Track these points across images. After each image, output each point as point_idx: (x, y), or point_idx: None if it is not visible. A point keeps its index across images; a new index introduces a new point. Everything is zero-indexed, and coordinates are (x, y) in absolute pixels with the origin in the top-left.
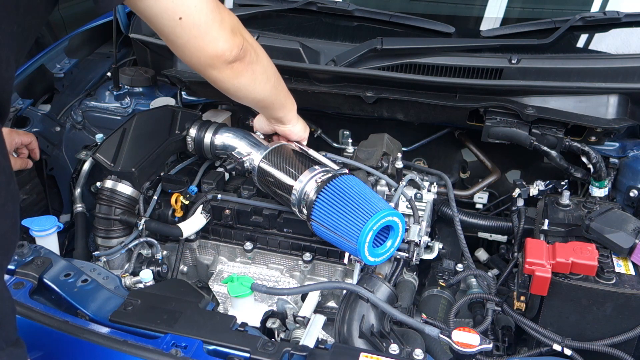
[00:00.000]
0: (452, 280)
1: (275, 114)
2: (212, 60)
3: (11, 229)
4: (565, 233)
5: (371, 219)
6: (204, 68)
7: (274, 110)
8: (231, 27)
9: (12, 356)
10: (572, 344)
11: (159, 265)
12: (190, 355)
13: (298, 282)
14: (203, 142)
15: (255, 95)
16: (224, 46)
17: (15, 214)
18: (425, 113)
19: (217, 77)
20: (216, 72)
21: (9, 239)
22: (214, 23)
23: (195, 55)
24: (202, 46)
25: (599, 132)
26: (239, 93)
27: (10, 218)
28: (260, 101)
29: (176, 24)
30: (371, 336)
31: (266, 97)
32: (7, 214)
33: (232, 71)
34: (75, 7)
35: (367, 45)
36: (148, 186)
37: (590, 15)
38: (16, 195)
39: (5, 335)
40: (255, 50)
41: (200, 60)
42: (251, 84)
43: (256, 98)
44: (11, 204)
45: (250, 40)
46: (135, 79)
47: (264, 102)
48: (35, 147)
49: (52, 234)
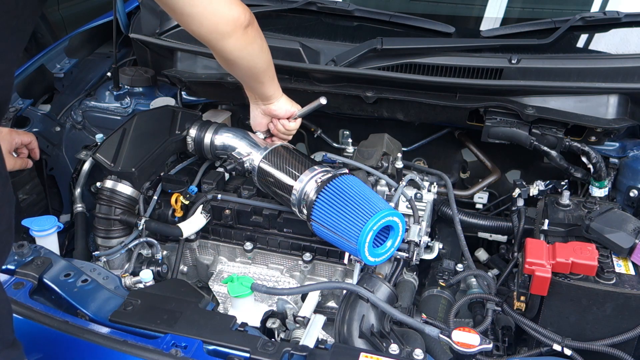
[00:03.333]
0: (452, 280)
1: (267, 89)
2: (229, 26)
3: (7, 230)
4: (565, 233)
5: (371, 219)
6: (222, 36)
7: (267, 85)
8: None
9: (8, 358)
10: (572, 344)
11: (159, 265)
12: (190, 355)
13: (298, 282)
14: (203, 142)
15: (261, 64)
16: (238, 10)
17: (10, 216)
18: (425, 113)
19: (234, 45)
20: (233, 39)
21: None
22: None
23: (213, 22)
24: (219, 10)
25: (599, 132)
26: (248, 62)
27: (6, 220)
28: (261, 72)
29: None
30: (371, 336)
31: (267, 68)
32: (3, 216)
33: (247, 37)
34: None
35: (367, 45)
36: (148, 186)
37: (590, 15)
38: (12, 197)
39: (2, 337)
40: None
41: (218, 27)
42: (259, 52)
43: (261, 68)
44: (7, 206)
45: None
46: (135, 79)
47: (264, 73)
48: (35, 146)
49: (52, 234)
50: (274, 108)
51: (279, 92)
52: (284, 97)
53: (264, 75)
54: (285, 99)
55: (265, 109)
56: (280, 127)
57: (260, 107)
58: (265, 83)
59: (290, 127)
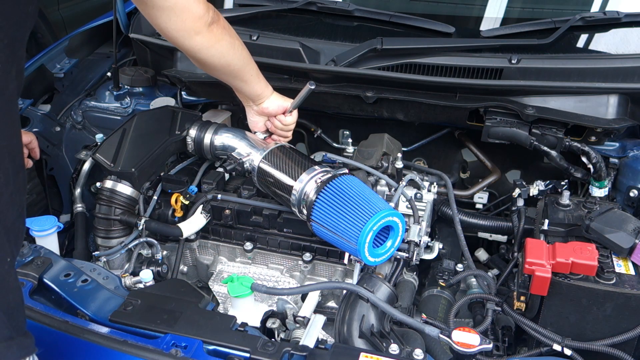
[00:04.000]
0: (452, 280)
1: (253, 88)
2: (195, 23)
3: (19, 218)
4: (565, 233)
5: (371, 219)
6: (188, 34)
7: (252, 83)
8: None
9: (22, 346)
10: (572, 344)
11: (159, 265)
12: (190, 355)
13: (298, 282)
14: (203, 143)
15: (236, 62)
16: (203, 7)
17: (22, 204)
18: (425, 113)
19: (202, 43)
20: (200, 37)
21: (17, 227)
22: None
23: (181, 19)
24: (187, 7)
25: (599, 132)
26: (222, 59)
27: (18, 208)
28: (238, 70)
29: None
30: (371, 336)
31: (244, 65)
32: (15, 203)
33: (213, 34)
34: (75, 7)
35: (367, 45)
36: (148, 186)
37: (590, 15)
38: (24, 185)
39: (16, 324)
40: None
41: (185, 24)
42: (230, 49)
43: (236, 66)
44: (19, 194)
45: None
46: (135, 79)
47: (242, 71)
48: (35, 146)
49: (52, 234)
50: (265, 106)
51: (268, 90)
52: (274, 93)
53: (243, 73)
54: (276, 95)
55: (258, 109)
56: (277, 124)
57: (253, 108)
58: (248, 82)
59: (287, 122)
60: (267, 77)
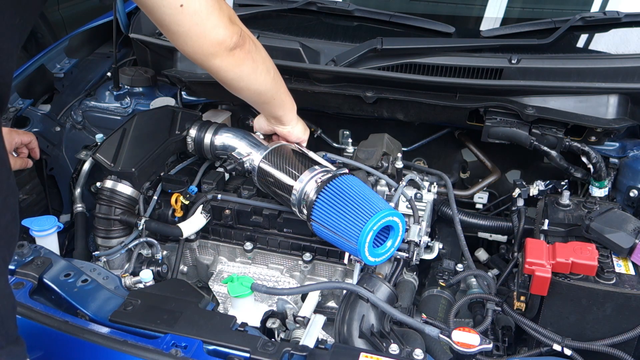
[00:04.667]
0: (452, 280)
1: (275, 111)
2: (214, 47)
3: (12, 222)
4: (565, 233)
5: (371, 219)
6: (206, 57)
7: (274, 107)
8: (229, 16)
9: (11, 354)
10: (572, 344)
11: (159, 265)
12: (190, 355)
13: (298, 282)
14: (203, 143)
15: (257, 86)
16: (224, 33)
17: (15, 207)
18: (425, 113)
19: (220, 66)
20: (219, 60)
21: (10, 231)
22: (214, 10)
23: (198, 44)
24: (204, 33)
25: (599, 132)
26: (241, 83)
27: (11, 211)
28: (261, 94)
29: (178, 12)
30: (371, 336)
31: (267, 90)
32: (8, 207)
33: (234, 59)
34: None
35: (367, 45)
36: (148, 186)
37: (590, 15)
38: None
39: (6, 332)
40: (253, 40)
41: (202, 48)
42: (252, 73)
43: (257, 90)
44: (12, 197)
45: (247, 31)
46: (135, 79)
47: (264, 95)
48: (35, 146)
49: (52, 234)
50: (287, 132)
51: (291, 116)
52: (300, 124)
53: (264, 95)
54: (301, 127)
55: (277, 128)
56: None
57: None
58: (269, 104)
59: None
60: None
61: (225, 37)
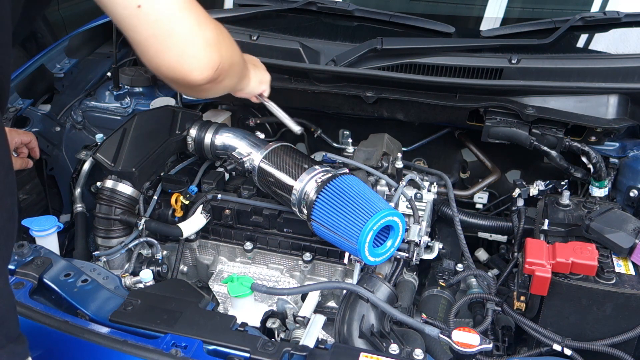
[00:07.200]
0: (452, 280)
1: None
2: (174, 76)
3: (9, 221)
4: (565, 233)
5: (371, 218)
6: (166, 79)
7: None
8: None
9: (12, 354)
10: (572, 344)
11: (159, 265)
12: (190, 355)
13: (298, 282)
14: (203, 142)
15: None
16: (191, 63)
17: (13, 207)
18: (425, 113)
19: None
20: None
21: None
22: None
23: (155, 62)
24: (162, 51)
25: (599, 132)
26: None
27: (7, 211)
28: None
29: (133, 13)
30: (371, 336)
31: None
32: (4, 207)
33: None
34: (75, 7)
35: (367, 45)
36: (148, 186)
37: (590, 15)
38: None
39: (6, 332)
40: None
41: (160, 69)
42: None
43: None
44: (9, 196)
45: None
46: (135, 79)
47: None
48: (35, 146)
49: (52, 234)
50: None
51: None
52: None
53: None
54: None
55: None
56: None
57: None
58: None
59: None
60: None
61: (192, 71)
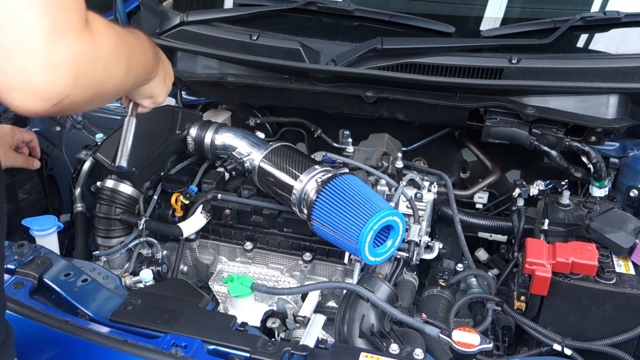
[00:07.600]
0: (452, 280)
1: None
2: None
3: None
4: (565, 233)
5: (372, 218)
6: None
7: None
8: (54, 59)
9: None
10: (572, 344)
11: (159, 265)
12: (190, 355)
13: (298, 282)
14: (203, 142)
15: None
16: (21, 90)
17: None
18: (425, 113)
19: None
20: None
21: None
22: (17, 20)
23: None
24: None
25: (599, 132)
26: None
27: None
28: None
29: None
30: (371, 336)
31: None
32: None
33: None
34: None
35: (367, 45)
36: (148, 186)
37: (590, 15)
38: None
39: None
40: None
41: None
42: (84, 109)
43: None
44: None
45: (94, 79)
46: None
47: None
48: (36, 145)
49: (52, 233)
50: None
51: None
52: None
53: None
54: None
55: None
56: None
57: None
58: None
59: None
60: (267, 76)
61: (24, 99)
